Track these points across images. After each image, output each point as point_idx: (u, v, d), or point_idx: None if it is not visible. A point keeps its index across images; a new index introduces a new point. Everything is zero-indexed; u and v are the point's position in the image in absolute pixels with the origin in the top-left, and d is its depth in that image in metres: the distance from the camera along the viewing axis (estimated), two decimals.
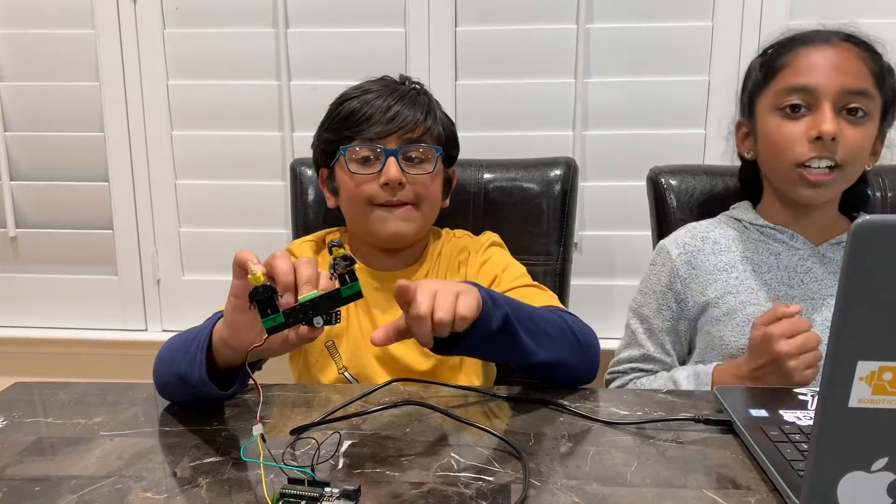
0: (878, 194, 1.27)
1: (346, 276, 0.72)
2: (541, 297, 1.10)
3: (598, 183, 1.67)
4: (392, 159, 1.12)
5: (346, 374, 1.14)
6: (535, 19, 1.63)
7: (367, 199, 1.14)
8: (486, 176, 1.36)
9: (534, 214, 1.35)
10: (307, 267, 0.74)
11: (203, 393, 0.85)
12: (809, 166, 1.08)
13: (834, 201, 1.16)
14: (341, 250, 0.72)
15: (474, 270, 1.19)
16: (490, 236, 1.25)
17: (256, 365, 0.97)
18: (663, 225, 1.30)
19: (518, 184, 1.36)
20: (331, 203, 1.23)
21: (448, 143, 1.21)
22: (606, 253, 1.69)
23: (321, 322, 0.72)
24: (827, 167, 1.07)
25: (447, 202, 1.25)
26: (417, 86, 1.21)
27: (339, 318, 0.73)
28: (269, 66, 1.70)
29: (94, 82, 1.74)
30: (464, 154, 1.59)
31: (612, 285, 1.69)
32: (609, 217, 1.68)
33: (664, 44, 1.62)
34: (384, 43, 1.66)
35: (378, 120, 1.12)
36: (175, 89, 1.73)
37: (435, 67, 1.65)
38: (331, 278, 0.72)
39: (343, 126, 1.15)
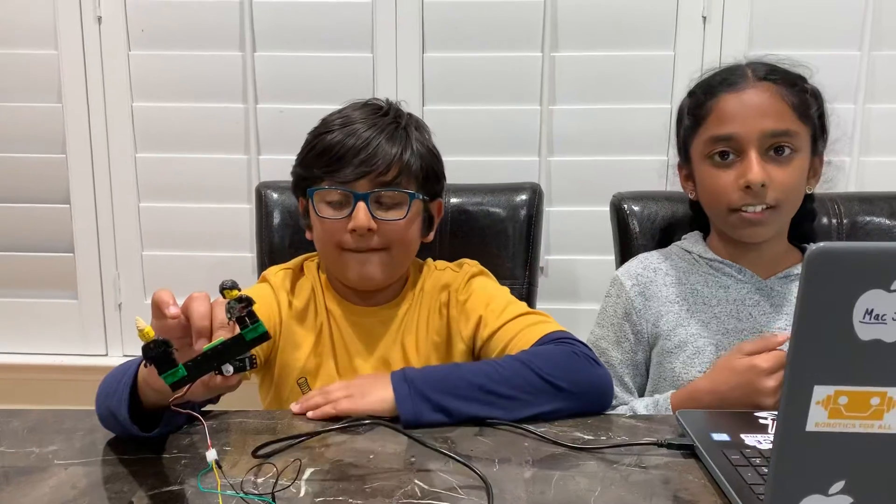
0: (833, 221, 1.29)
1: (247, 318, 0.68)
2: (533, 330, 1.06)
3: (562, 208, 1.69)
4: (361, 205, 1.06)
5: None
6: (501, 47, 1.66)
7: (335, 244, 1.09)
8: (453, 200, 1.37)
9: (500, 239, 1.36)
10: (223, 310, 0.71)
11: (128, 432, 0.83)
12: (744, 210, 1.09)
13: (780, 234, 1.17)
14: (234, 292, 0.68)
15: (456, 313, 1.15)
16: (469, 268, 1.20)
17: (210, 401, 0.95)
18: (626, 250, 1.32)
19: (484, 208, 1.37)
20: (309, 235, 1.17)
21: (428, 178, 1.14)
22: (571, 277, 1.71)
23: (231, 370, 0.68)
24: (761, 208, 1.08)
25: (431, 236, 1.20)
26: (401, 115, 1.14)
27: (255, 363, 0.70)
28: (236, 89, 1.69)
29: (57, 103, 1.71)
30: None
31: (577, 309, 1.70)
32: (574, 242, 1.70)
33: (627, 72, 1.65)
34: (352, 68, 1.67)
35: (350, 161, 1.06)
36: (140, 111, 1.72)
37: (402, 93, 1.66)
38: (229, 323, 0.69)
39: (314, 164, 1.09)
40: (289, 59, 1.68)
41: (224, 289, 0.68)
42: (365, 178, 1.07)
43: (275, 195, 1.38)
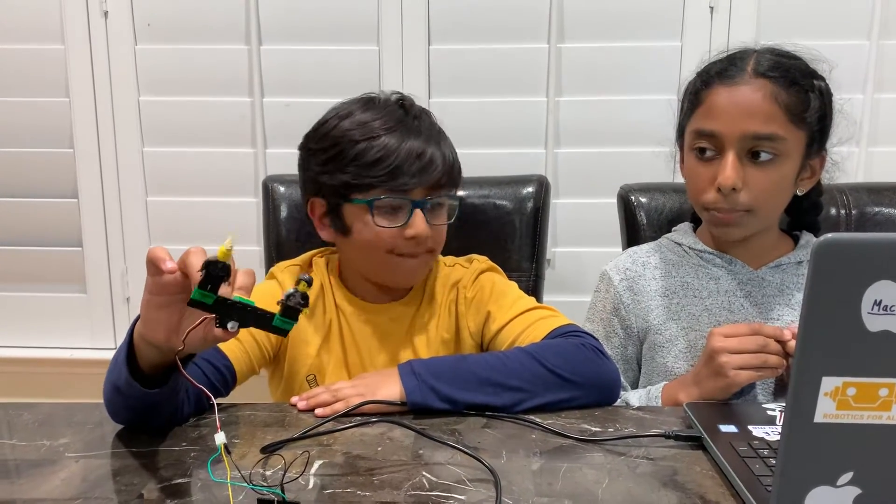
0: (842, 212, 1.29)
1: (290, 311, 0.71)
2: (542, 325, 1.06)
3: (569, 200, 1.69)
4: (419, 212, 1.06)
5: None
6: (507, 38, 1.65)
7: (387, 249, 1.07)
8: (459, 193, 1.36)
9: (507, 231, 1.36)
10: (246, 276, 0.74)
11: (132, 396, 0.83)
12: (717, 209, 1.08)
13: (769, 226, 1.14)
14: (306, 287, 0.71)
15: (464, 309, 1.16)
16: (478, 264, 1.20)
17: (220, 395, 0.98)
18: (633, 242, 1.32)
19: (491, 201, 1.36)
20: (326, 236, 1.15)
21: (460, 175, 1.14)
22: (578, 269, 1.71)
23: (236, 327, 0.71)
24: (734, 209, 1.06)
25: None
26: (426, 113, 1.12)
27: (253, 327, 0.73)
28: (242, 82, 1.69)
29: (64, 98, 1.72)
30: None
31: (584, 301, 1.69)
32: (581, 234, 1.70)
33: (634, 63, 1.64)
34: (357, 60, 1.67)
35: (408, 169, 1.04)
36: (146, 105, 1.72)
37: (408, 85, 1.66)
38: (277, 303, 0.71)
39: (365, 172, 1.05)
40: (295, 52, 1.68)
41: (302, 280, 0.71)
42: (421, 186, 1.06)
43: (282, 189, 1.38)
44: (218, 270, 0.69)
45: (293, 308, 0.71)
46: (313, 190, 1.13)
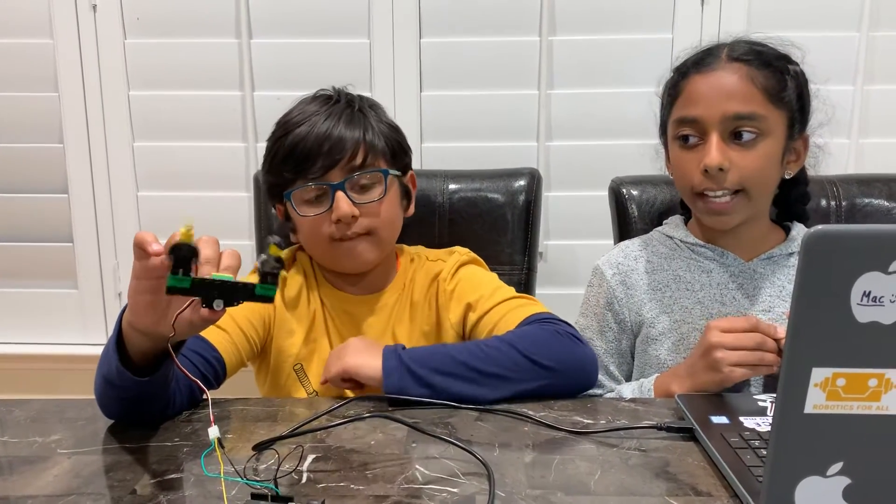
0: (832, 203, 1.29)
1: (269, 277, 0.71)
2: (518, 312, 1.08)
3: (561, 193, 1.69)
4: (340, 194, 1.07)
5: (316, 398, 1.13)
6: (498, 31, 1.65)
7: (323, 237, 1.10)
8: (451, 186, 1.37)
9: (498, 224, 1.36)
10: (231, 258, 0.74)
11: (123, 387, 0.82)
12: (707, 195, 1.08)
13: (760, 216, 1.14)
14: (278, 251, 0.71)
15: (445, 301, 1.16)
16: (458, 257, 1.20)
17: (211, 388, 0.99)
18: (625, 234, 1.32)
19: (483, 194, 1.37)
20: (294, 238, 1.19)
21: (396, 153, 1.15)
22: (570, 262, 1.71)
23: (221, 305, 0.71)
24: (726, 194, 1.07)
25: (412, 209, 1.21)
26: (352, 99, 1.15)
27: (240, 303, 0.72)
28: (233, 76, 1.69)
29: (53, 93, 1.71)
30: (428, 164, 1.59)
31: (577, 294, 1.69)
32: (573, 227, 1.70)
33: (625, 56, 1.64)
34: (348, 54, 1.66)
35: (317, 155, 1.07)
36: (136, 100, 1.71)
37: (399, 78, 1.66)
38: (254, 270, 0.71)
39: (283, 167, 1.10)
40: (285, 45, 1.67)
41: (270, 242, 0.70)
42: (336, 168, 1.08)
43: None
44: (184, 252, 0.69)
45: (271, 273, 0.71)
46: (267, 197, 1.19)
